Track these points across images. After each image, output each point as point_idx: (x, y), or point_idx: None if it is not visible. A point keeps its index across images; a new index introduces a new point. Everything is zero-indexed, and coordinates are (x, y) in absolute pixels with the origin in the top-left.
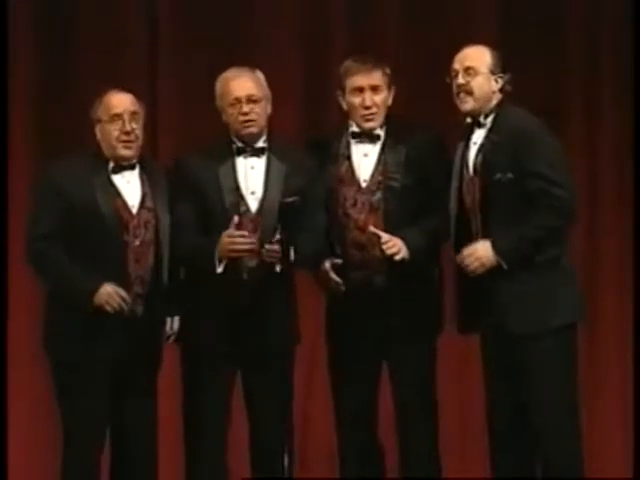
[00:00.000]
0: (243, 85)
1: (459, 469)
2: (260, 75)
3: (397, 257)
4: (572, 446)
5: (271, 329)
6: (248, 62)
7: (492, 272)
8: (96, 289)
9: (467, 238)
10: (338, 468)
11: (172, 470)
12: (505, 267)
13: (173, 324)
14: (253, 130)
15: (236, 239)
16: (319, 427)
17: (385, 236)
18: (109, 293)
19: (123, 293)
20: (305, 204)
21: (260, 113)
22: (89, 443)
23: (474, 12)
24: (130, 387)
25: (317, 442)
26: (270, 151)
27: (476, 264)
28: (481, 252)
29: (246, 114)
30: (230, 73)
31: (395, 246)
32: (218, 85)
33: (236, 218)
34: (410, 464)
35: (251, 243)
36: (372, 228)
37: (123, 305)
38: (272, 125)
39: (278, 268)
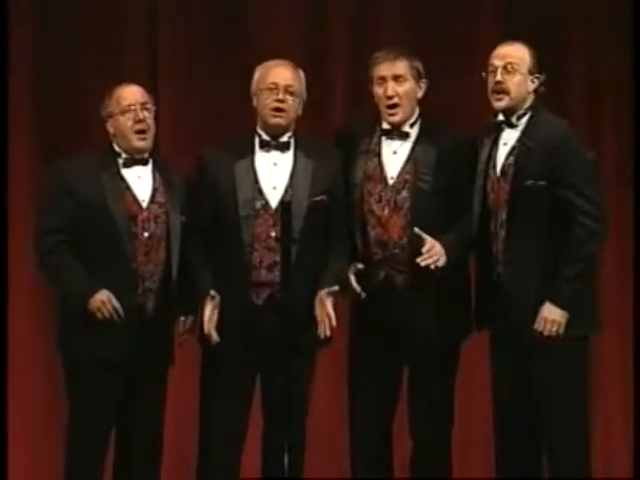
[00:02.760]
0: (285, 74)
1: (463, 469)
2: (302, 74)
3: (432, 266)
4: (583, 449)
5: (296, 329)
6: (248, 62)
7: (513, 274)
8: (91, 294)
9: (485, 236)
10: (341, 468)
11: (175, 470)
12: (569, 313)
13: (187, 323)
14: (281, 121)
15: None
16: (319, 426)
17: (428, 243)
18: (102, 301)
19: (116, 303)
20: (334, 204)
21: (293, 107)
22: (95, 441)
23: (476, 11)
24: (139, 384)
25: (317, 442)
26: (297, 148)
27: (555, 328)
28: (551, 317)
29: (280, 102)
30: (274, 62)
31: (434, 257)
32: (257, 71)
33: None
34: (422, 465)
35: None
36: (417, 230)
37: (114, 315)
38: None
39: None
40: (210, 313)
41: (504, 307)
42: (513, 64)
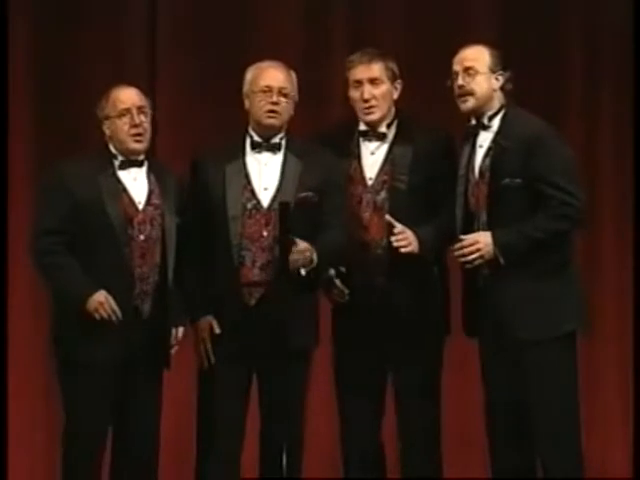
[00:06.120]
0: (278, 76)
1: (459, 469)
2: (294, 75)
3: (404, 250)
4: (573, 448)
5: (288, 329)
6: (247, 62)
7: (498, 275)
8: (89, 295)
9: None
10: (335, 468)
11: (175, 471)
12: (502, 262)
13: (178, 334)
14: (275, 122)
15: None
16: (317, 427)
17: (399, 227)
18: (100, 302)
19: (114, 304)
20: (323, 201)
21: (286, 109)
22: (91, 442)
23: (474, 11)
24: (135, 386)
25: (315, 442)
26: (287, 149)
27: (475, 255)
28: (482, 244)
29: (275, 104)
30: (266, 63)
31: (405, 239)
32: (250, 73)
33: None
34: (412, 465)
35: None
36: (388, 217)
37: (112, 316)
38: None
39: (303, 272)
40: (209, 337)
41: (491, 309)
42: (472, 67)
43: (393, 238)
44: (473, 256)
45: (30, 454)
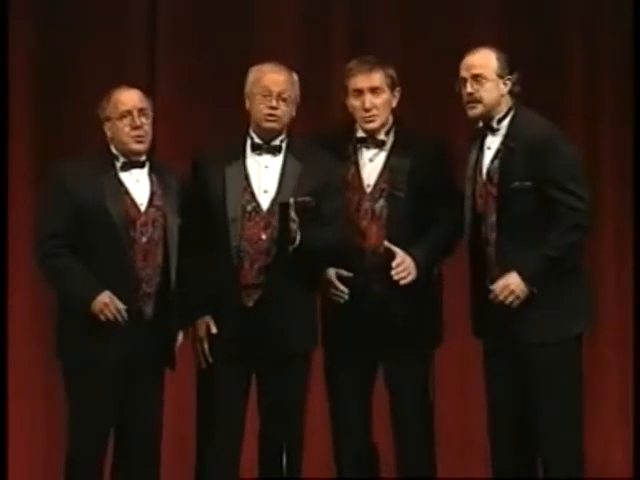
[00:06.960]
0: (279, 81)
1: (460, 469)
2: (295, 77)
3: (403, 282)
4: (575, 448)
5: (286, 330)
6: (248, 63)
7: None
8: (94, 297)
9: (476, 242)
10: (334, 469)
11: (175, 471)
12: (535, 292)
13: (178, 337)
14: (275, 126)
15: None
16: (316, 427)
17: (399, 257)
18: (105, 303)
19: (119, 304)
20: (321, 206)
21: (286, 112)
22: (95, 443)
23: (475, 11)
24: (137, 387)
25: (314, 442)
26: (288, 151)
27: (511, 298)
28: (514, 285)
29: (274, 109)
30: (268, 66)
31: (405, 271)
32: (252, 74)
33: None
34: (406, 465)
35: None
36: (387, 243)
37: (118, 316)
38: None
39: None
40: (206, 336)
41: (501, 310)
42: (480, 74)
43: (393, 272)
44: (510, 299)
45: (30, 454)
